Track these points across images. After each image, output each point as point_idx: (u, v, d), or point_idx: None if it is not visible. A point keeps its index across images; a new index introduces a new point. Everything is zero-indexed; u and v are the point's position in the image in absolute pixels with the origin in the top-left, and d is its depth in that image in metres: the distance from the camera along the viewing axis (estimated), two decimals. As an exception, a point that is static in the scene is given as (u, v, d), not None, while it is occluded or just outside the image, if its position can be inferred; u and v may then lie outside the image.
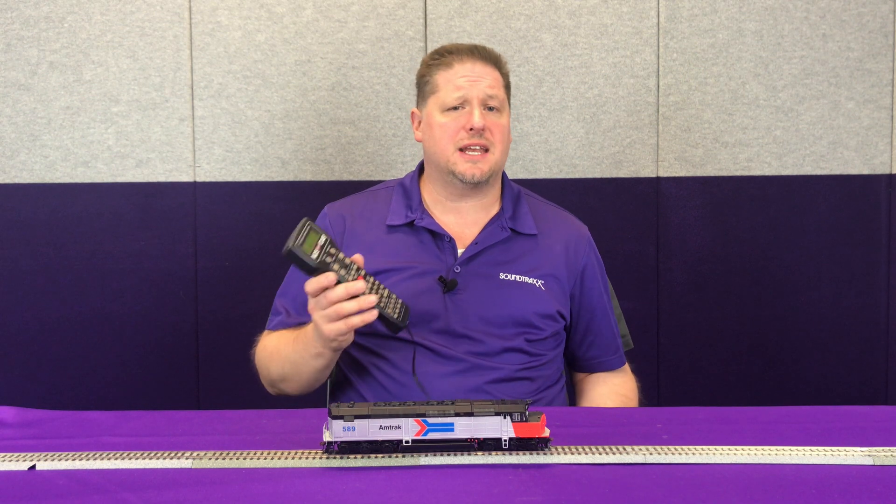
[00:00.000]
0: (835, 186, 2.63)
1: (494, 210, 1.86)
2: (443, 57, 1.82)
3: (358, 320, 1.51)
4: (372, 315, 1.51)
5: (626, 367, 1.93)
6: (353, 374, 1.82)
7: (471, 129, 1.76)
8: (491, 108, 1.79)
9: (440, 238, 1.81)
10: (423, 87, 1.85)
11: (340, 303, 1.50)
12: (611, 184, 2.61)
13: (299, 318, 1.82)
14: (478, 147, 1.77)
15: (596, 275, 1.88)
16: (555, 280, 1.82)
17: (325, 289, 1.50)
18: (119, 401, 2.58)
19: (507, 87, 1.85)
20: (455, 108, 1.79)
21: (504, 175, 1.91)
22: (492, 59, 1.82)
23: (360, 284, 1.50)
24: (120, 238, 2.58)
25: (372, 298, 1.50)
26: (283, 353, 1.74)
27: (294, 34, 2.58)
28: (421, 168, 1.90)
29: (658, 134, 2.62)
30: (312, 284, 1.51)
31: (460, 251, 1.80)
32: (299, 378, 1.73)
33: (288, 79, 2.58)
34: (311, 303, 1.54)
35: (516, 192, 1.89)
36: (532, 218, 1.86)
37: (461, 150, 1.78)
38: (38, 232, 2.57)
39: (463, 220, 1.84)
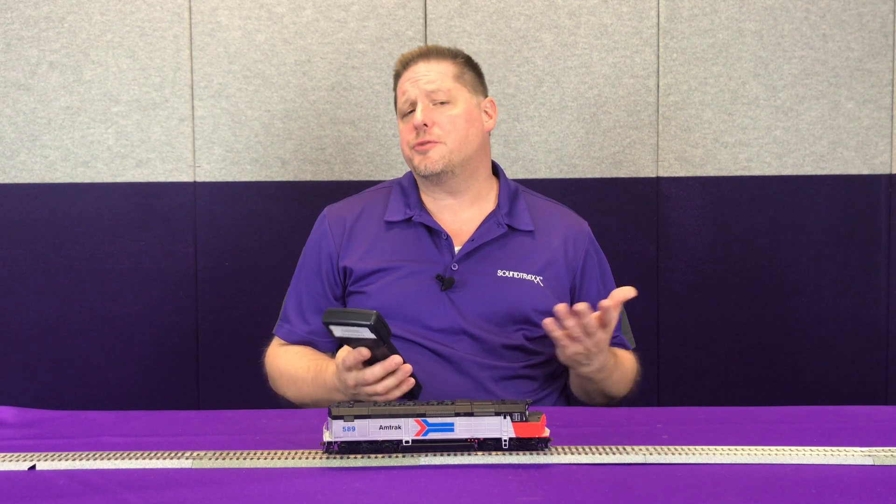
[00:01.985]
0: (835, 186, 2.63)
1: (490, 207, 1.87)
2: (398, 68, 1.90)
3: (397, 393, 1.58)
4: (409, 384, 1.57)
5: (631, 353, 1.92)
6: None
7: (416, 127, 1.81)
8: (443, 103, 1.82)
9: (437, 235, 1.82)
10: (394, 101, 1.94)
11: (382, 383, 1.55)
12: (611, 184, 2.61)
13: (304, 326, 1.84)
14: (427, 142, 1.80)
15: (594, 270, 1.88)
16: (554, 276, 1.83)
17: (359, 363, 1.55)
18: (119, 401, 2.58)
19: (465, 74, 1.87)
20: (411, 112, 1.84)
21: (501, 173, 1.92)
22: (436, 54, 1.86)
23: (397, 359, 1.54)
24: (120, 238, 2.58)
25: (408, 367, 1.56)
26: (301, 388, 1.78)
27: (294, 34, 2.58)
28: None
29: (658, 134, 2.62)
30: (350, 359, 1.55)
31: (457, 248, 1.82)
32: (316, 406, 1.77)
33: (288, 79, 2.58)
34: (351, 378, 1.58)
35: (513, 190, 1.91)
36: (529, 214, 1.87)
37: (414, 146, 1.83)
38: (38, 232, 2.57)
39: (458, 218, 1.86)
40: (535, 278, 1.81)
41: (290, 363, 1.82)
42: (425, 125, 1.80)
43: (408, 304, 1.77)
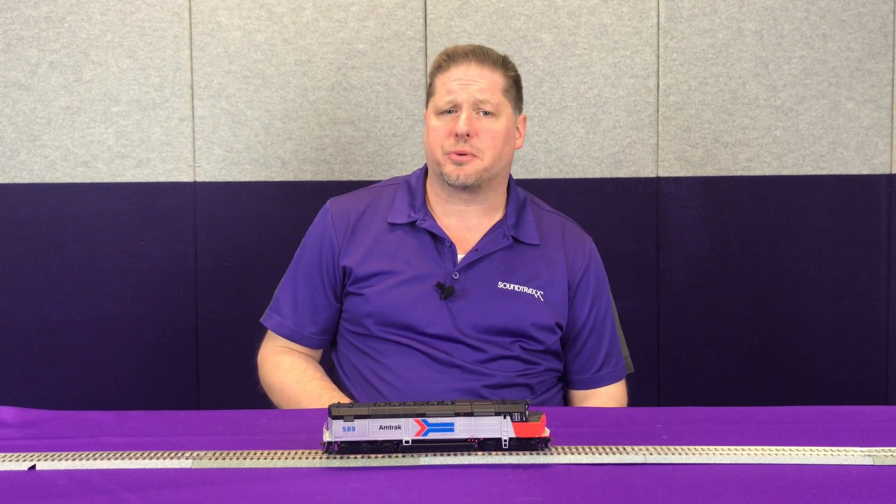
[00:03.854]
0: (835, 186, 2.63)
1: (497, 217, 1.84)
2: (444, 59, 1.80)
3: None
4: None
5: (619, 383, 1.89)
6: (349, 378, 1.81)
7: (456, 135, 1.74)
8: (486, 113, 1.75)
9: (441, 242, 1.79)
10: (428, 88, 1.84)
11: None
12: (611, 184, 2.61)
13: (294, 320, 1.82)
14: (465, 153, 1.74)
15: (588, 291, 1.84)
16: (554, 291, 1.80)
17: None
18: (119, 401, 2.58)
19: (512, 89, 1.80)
20: (449, 112, 1.76)
21: (511, 182, 1.88)
22: (490, 61, 1.78)
23: None
24: (120, 238, 2.58)
25: None
26: (300, 403, 1.74)
27: (294, 34, 2.58)
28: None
29: (658, 134, 2.61)
30: None
31: (460, 257, 1.79)
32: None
33: (288, 79, 2.58)
34: None
35: (522, 200, 1.86)
36: (536, 227, 1.83)
37: (449, 153, 1.76)
38: (38, 232, 2.57)
39: (465, 225, 1.82)
40: (536, 293, 1.78)
41: (290, 374, 1.78)
42: (468, 135, 1.73)
43: (406, 311, 1.74)
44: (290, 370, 1.80)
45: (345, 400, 1.73)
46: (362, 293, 1.78)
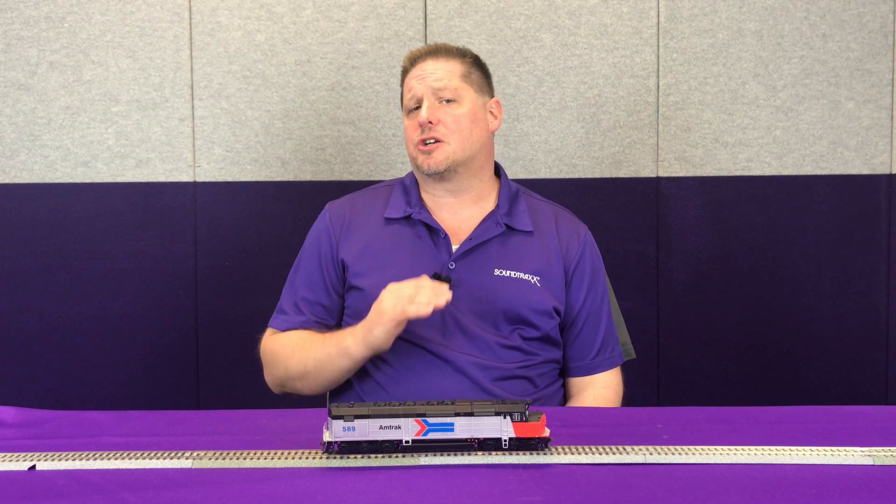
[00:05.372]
0: (835, 186, 2.63)
1: (490, 207, 1.87)
2: (405, 65, 1.89)
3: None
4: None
5: (614, 370, 1.91)
6: (352, 375, 1.82)
7: (420, 125, 1.81)
8: (448, 101, 1.82)
9: (436, 233, 1.82)
10: (400, 97, 1.93)
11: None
12: (611, 184, 2.61)
13: (299, 316, 1.84)
14: (432, 140, 1.81)
15: (584, 276, 1.86)
16: (551, 276, 1.82)
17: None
18: (119, 401, 2.58)
19: (472, 74, 1.87)
20: (416, 108, 1.84)
21: (503, 174, 1.92)
22: (445, 52, 1.86)
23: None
24: (120, 238, 2.58)
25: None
26: (307, 352, 1.77)
27: (294, 34, 2.58)
28: None
29: (658, 134, 2.62)
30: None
31: (455, 247, 1.81)
32: (318, 377, 1.76)
33: (288, 79, 2.58)
34: (402, 294, 1.65)
35: (514, 191, 1.90)
36: (529, 215, 1.86)
37: (418, 144, 1.83)
38: (38, 232, 2.57)
39: (458, 217, 1.86)
40: (532, 278, 1.80)
41: (296, 335, 1.82)
42: (430, 123, 1.80)
43: None
44: (289, 338, 1.83)
45: (343, 335, 1.74)
46: (361, 287, 1.80)
